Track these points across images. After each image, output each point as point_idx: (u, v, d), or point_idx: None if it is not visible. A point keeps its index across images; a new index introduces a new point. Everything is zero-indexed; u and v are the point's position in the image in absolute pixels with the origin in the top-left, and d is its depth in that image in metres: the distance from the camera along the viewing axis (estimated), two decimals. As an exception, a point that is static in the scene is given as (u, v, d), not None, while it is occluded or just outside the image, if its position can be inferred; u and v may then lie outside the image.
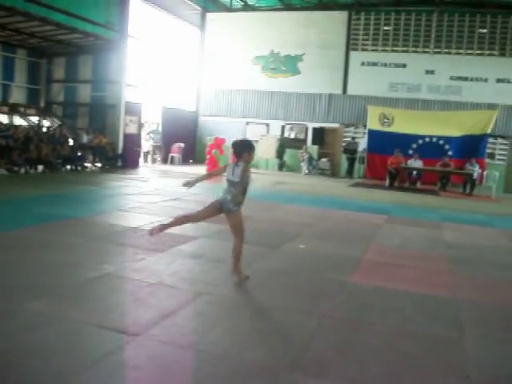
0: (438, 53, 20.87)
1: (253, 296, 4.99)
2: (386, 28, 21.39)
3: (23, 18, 14.39)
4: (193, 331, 3.88)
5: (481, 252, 7.88)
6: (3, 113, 17.74)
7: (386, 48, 21.43)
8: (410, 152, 19.45)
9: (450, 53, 20.78)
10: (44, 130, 17.85)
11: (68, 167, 15.96)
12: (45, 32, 16.34)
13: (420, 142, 20.04)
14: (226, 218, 5.19)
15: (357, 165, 21.47)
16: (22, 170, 14.14)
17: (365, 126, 21.20)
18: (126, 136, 18.38)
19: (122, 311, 4.20)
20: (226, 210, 5.13)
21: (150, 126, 22.09)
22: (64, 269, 5.31)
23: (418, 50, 21.10)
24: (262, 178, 18.28)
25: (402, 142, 19.57)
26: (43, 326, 3.75)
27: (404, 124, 20.08)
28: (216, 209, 5.22)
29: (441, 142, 19.90)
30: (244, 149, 5.13)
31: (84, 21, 15.50)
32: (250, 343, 3.78)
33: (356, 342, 3.97)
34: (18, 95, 18.85)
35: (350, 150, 21.43)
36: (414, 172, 18.85)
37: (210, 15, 23.78)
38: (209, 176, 5.84)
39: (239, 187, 5.08)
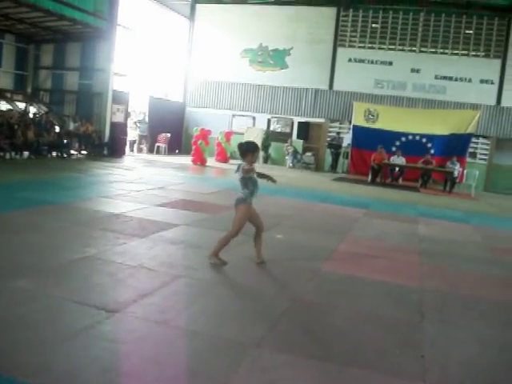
0: (424, 52, 21.25)
1: (229, 280, 5.23)
2: (373, 25, 21.70)
3: (12, 3, 14.44)
4: (169, 309, 4.11)
5: (452, 246, 8.20)
6: (-11, 98, 17.77)
7: (373, 45, 21.76)
8: (394, 149, 19.80)
9: (435, 52, 21.18)
10: (30, 116, 17.89)
11: (54, 154, 16.07)
12: (33, 18, 16.39)
13: (403, 139, 20.41)
14: None
15: (341, 160, 21.81)
16: (8, 156, 14.23)
17: (350, 122, 21.55)
18: (112, 124, 18.50)
19: (102, 290, 4.42)
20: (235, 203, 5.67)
21: (136, 115, 22.19)
22: (48, 250, 5.51)
23: (405, 48, 21.47)
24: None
25: (386, 138, 19.92)
26: (27, 301, 3.96)
27: (388, 121, 20.42)
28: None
29: (424, 140, 20.28)
30: (248, 150, 5.56)
31: (73, 8, 15.57)
32: (223, 321, 4.03)
33: (322, 324, 4.24)
34: (5, 81, 18.86)
35: (335, 145, 21.73)
36: (397, 168, 19.20)
37: (200, 6, 23.90)
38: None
39: (241, 183, 5.57)
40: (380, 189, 16.65)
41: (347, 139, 21.45)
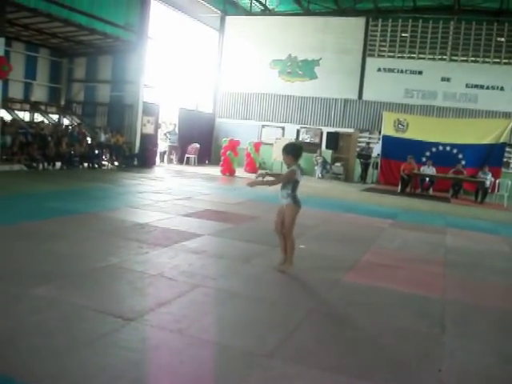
0: (455, 60, 20.96)
1: (247, 289, 5.23)
2: (403, 35, 21.53)
3: (46, 18, 14.86)
4: (184, 318, 4.14)
5: (479, 257, 8.04)
6: (25, 110, 18.24)
7: (403, 54, 21.58)
8: (424, 159, 19.54)
9: (466, 60, 20.88)
10: (63, 127, 18.31)
11: (85, 165, 16.38)
12: (66, 33, 16.82)
13: (433, 149, 20.13)
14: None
15: (370, 170, 21.62)
16: (41, 166, 14.58)
17: (379, 132, 21.37)
18: (142, 136, 18.80)
19: (120, 298, 4.49)
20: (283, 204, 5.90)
21: (167, 126, 22.47)
22: (71, 259, 5.62)
23: (435, 57, 21.22)
24: (275, 181, 18.50)
25: (416, 148, 19.70)
26: (46, 308, 4.05)
27: (418, 131, 20.20)
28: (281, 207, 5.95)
29: (454, 150, 19.97)
30: (288, 153, 5.82)
31: (104, 22, 15.94)
32: (237, 331, 4.04)
33: (338, 335, 4.20)
34: (39, 93, 19.39)
35: (364, 155, 21.58)
36: (427, 178, 18.96)
37: (229, 18, 24.13)
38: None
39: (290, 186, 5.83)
40: (409, 199, 16.46)
41: (377, 149, 21.28)
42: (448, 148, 20.09)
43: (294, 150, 5.89)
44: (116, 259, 5.74)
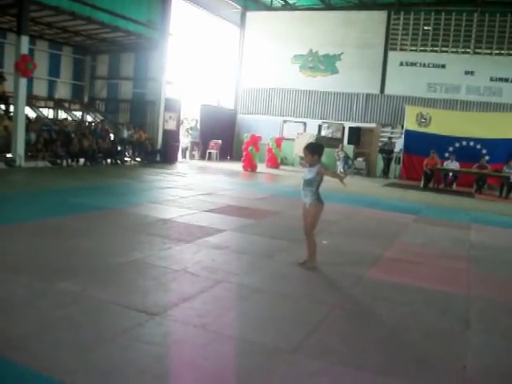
0: (479, 53, 20.65)
1: (270, 285, 5.24)
2: (425, 28, 21.27)
3: (69, 16, 15.01)
4: (208, 314, 4.16)
5: (504, 253, 7.93)
6: (49, 107, 18.47)
7: (426, 48, 21.33)
8: (446, 155, 19.28)
9: (490, 53, 20.57)
10: (86, 124, 18.51)
11: (108, 161, 16.53)
12: (89, 30, 16.97)
13: (457, 144, 19.87)
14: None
15: (393, 165, 21.45)
16: (65, 163, 14.76)
17: (402, 127, 21.17)
18: (165, 132, 18.91)
19: (144, 293, 4.53)
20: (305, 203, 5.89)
21: (188, 122, 22.56)
22: (95, 254, 5.69)
23: (458, 50, 20.93)
24: (298, 176, 18.47)
25: (439, 143, 19.46)
26: (71, 303, 4.11)
27: (441, 125, 19.96)
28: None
29: (478, 145, 19.66)
30: (313, 152, 5.85)
31: (126, 20, 16.05)
32: (259, 327, 4.04)
33: (361, 331, 4.18)
34: (63, 91, 19.61)
35: (387, 150, 21.43)
36: (450, 173, 18.74)
37: (250, 14, 24.11)
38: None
39: (313, 184, 5.83)
40: (432, 194, 16.28)
41: (399, 144, 21.11)
42: (472, 143, 19.80)
43: (319, 149, 5.97)
44: (139, 254, 5.80)
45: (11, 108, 14.36)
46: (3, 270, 4.79)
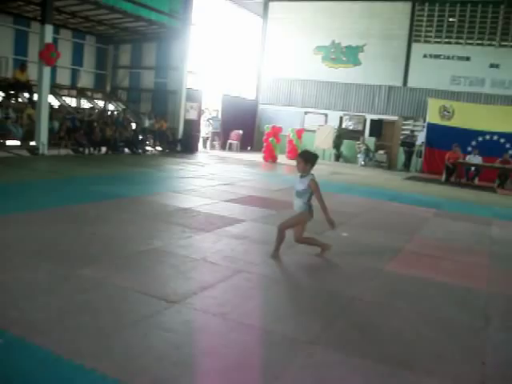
0: (504, 46, 20.31)
1: (290, 275, 5.26)
2: (450, 19, 20.97)
3: (92, 6, 15.11)
4: (227, 303, 4.19)
5: (527, 249, 7.83)
6: (72, 96, 18.63)
7: (450, 40, 21.04)
8: (469, 149, 19.05)
9: (517, 46, 20.19)
10: (109, 113, 18.64)
11: (129, 150, 16.64)
12: (112, 20, 17.07)
13: (480, 138, 19.61)
14: None
15: (414, 158, 21.27)
16: (87, 151, 14.91)
17: (424, 120, 20.95)
18: (186, 122, 18.97)
19: (164, 281, 4.57)
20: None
21: (210, 112, 22.59)
22: (115, 241, 5.75)
23: (483, 42, 20.61)
24: (318, 168, 18.37)
25: (462, 137, 19.22)
26: (92, 289, 4.16)
27: (465, 118, 19.70)
28: None
29: (502, 139, 19.37)
30: (313, 160, 5.83)
31: (149, 9, 16.09)
32: (279, 317, 4.06)
33: (380, 324, 4.17)
34: (86, 80, 19.75)
35: (408, 143, 21.26)
36: (472, 168, 18.51)
37: (272, 4, 24.01)
38: None
39: (304, 195, 5.81)
40: (454, 189, 16.11)
41: (421, 137, 20.90)
42: (495, 137, 19.52)
43: (313, 158, 5.83)
44: (159, 243, 5.85)
45: (35, 96, 14.50)
46: (27, 256, 4.87)
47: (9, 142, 13.45)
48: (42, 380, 2.82)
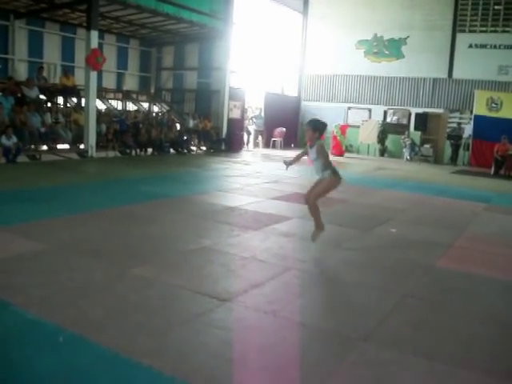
0: (555, 32, 19.58)
1: (339, 273, 5.24)
2: (496, 7, 20.28)
3: (135, 10, 15.37)
4: (278, 300, 4.21)
5: None
6: (117, 99, 19.01)
7: (496, 28, 20.35)
8: (519, 140, 18.49)
9: None
10: (153, 114, 18.95)
11: (175, 150, 16.87)
12: (154, 23, 17.31)
13: (530, 130, 18.98)
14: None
15: (461, 152, 20.78)
16: (133, 153, 15.21)
17: (471, 112, 20.43)
18: (229, 121, 19.09)
19: (215, 280, 4.63)
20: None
21: (253, 111, 22.66)
22: (165, 241, 5.86)
23: (532, 29, 19.91)
24: (363, 163, 18.33)
25: (511, 129, 18.64)
26: (144, 288, 4.26)
27: (514, 109, 19.12)
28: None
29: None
30: (315, 129, 6.04)
31: (190, 10, 16.25)
32: (330, 314, 4.06)
33: (433, 321, 4.12)
34: (130, 82, 20.10)
35: (455, 137, 20.77)
36: (523, 160, 17.95)
37: (312, 0, 23.83)
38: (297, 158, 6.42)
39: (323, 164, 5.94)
40: (504, 182, 15.68)
41: (468, 130, 20.39)
42: (546, 127, 18.87)
43: (322, 126, 6.12)
44: (208, 241, 5.92)
45: (82, 101, 14.87)
46: (82, 256, 5.02)
47: (59, 146, 13.85)
48: (100, 377, 2.91)
